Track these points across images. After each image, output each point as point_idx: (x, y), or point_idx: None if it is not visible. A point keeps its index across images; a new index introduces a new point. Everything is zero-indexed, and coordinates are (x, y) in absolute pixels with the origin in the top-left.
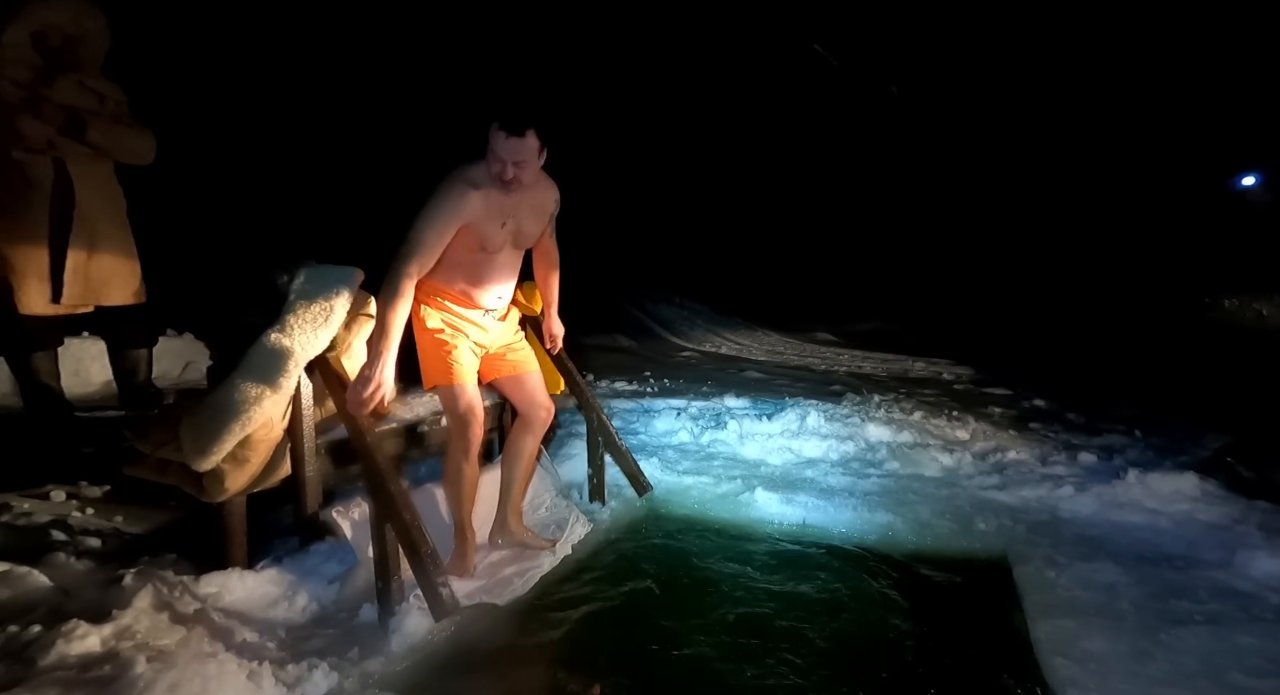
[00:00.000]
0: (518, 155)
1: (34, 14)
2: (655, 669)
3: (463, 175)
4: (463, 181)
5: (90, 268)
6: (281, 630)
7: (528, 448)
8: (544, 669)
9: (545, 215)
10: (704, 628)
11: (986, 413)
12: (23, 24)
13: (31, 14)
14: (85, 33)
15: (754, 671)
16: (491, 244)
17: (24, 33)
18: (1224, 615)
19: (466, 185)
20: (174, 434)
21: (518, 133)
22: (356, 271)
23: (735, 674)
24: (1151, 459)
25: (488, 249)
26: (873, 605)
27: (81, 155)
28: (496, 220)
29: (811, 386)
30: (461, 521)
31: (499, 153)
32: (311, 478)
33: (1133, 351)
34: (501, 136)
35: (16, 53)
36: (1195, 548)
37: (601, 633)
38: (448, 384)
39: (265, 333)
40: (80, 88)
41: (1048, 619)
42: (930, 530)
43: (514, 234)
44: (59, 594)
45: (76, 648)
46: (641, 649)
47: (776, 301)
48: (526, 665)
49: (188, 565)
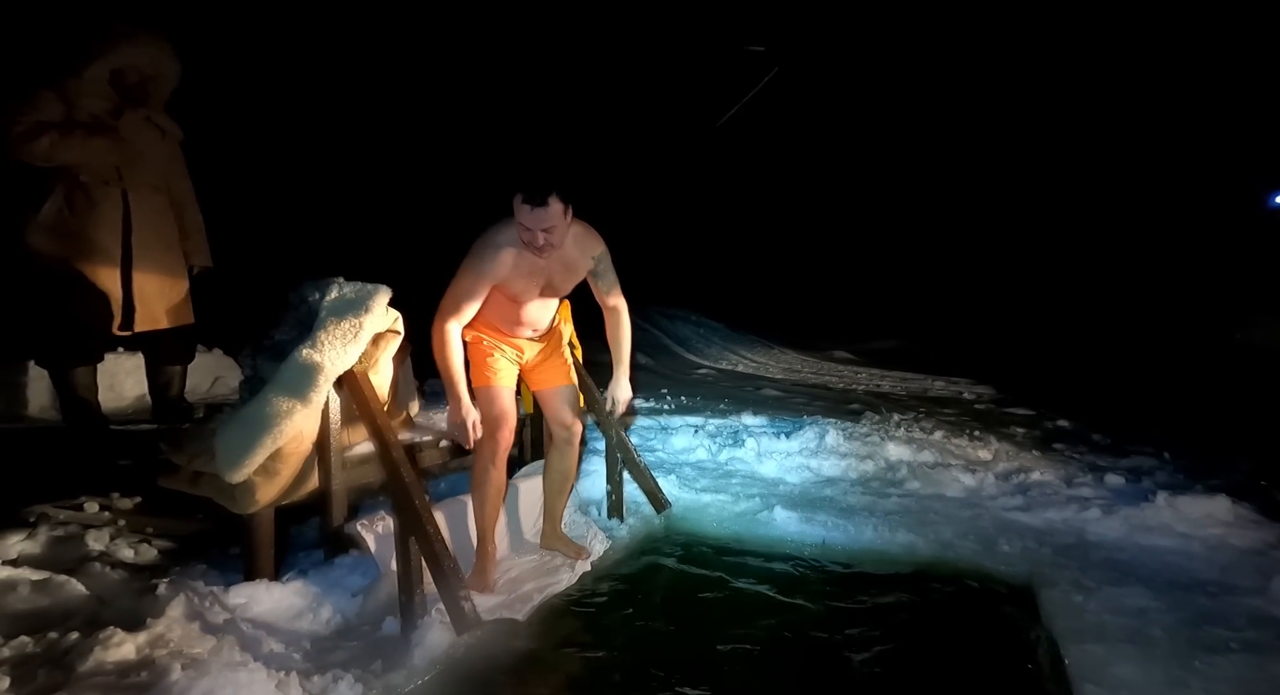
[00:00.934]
0: (544, 223)
1: (118, 53)
2: (673, 687)
3: (495, 238)
4: (494, 245)
5: (149, 294)
6: (307, 641)
7: (553, 462)
8: (564, 684)
9: (579, 271)
10: (722, 647)
11: (1009, 433)
12: (106, 62)
13: (116, 53)
14: (160, 73)
15: (770, 688)
16: (525, 296)
17: (105, 69)
18: (1261, 643)
19: (498, 248)
20: (207, 447)
21: (540, 202)
22: (384, 289)
23: (751, 690)
24: (1181, 482)
25: (521, 300)
26: (896, 627)
27: (144, 186)
28: (528, 278)
29: (830, 405)
30: (484, 531)
31: (525, 223)
32: (338, 491)
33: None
34: (526, 208)
35: (95, 86)
36: (1229, 573)
37: (620, 649)
38: (484, 386)
39: (297, 348)
40: (146, 122)
41: (1077, 644)
42: (953, 551)
43: (546, 286)
44: (96, 602)
45: (114, 655)
46: (659, 666)
47: (794, 319)
48: (547, 681)
49: (217, 576)
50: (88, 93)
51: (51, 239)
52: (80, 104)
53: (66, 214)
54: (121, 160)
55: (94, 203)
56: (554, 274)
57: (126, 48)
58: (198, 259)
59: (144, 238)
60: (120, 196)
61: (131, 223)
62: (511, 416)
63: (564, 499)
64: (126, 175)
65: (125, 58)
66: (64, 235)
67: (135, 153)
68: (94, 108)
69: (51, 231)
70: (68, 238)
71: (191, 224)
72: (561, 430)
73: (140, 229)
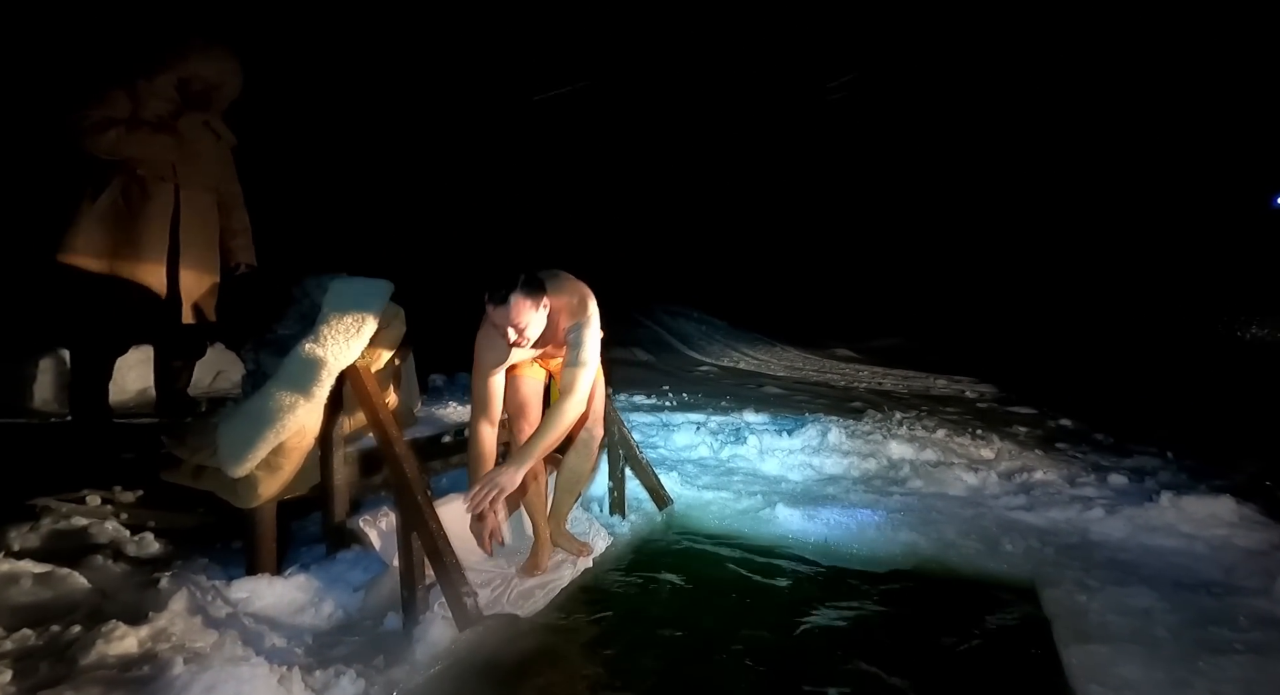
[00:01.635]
0: (512, 319)
1: (188, 64)
2: (674, 683)
3: (485, 341)
4: (488, 346)
5: (190, 288)
6: (308, 636)
7: (569, 461)
8: (565, 680)
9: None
10: (724, 644)
11: (1011, 432)
12: (176, 71)
13: (186, 64)
14: (224, 84)
15: (774, 687)
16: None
17: (175, 77)
18: (1265, 644)
19: (492, 349)
20: (210, 441)
21: (502, 301)
22: (387, 284)
23: (755, 688)
24: (1184, 482)
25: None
26: (899, 626)
27: (197, 186)
28: (526, 357)
29: (832, 403)
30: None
31: (494, 321)
32: (340, 486)
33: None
34: (492, 308)
35: (163, 90)
36: (1233, 574)
37: (622, 645)
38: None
39: (300, 343)
40: (204, 126)
41: (1080, 645)
42: (956, 550)
43: (542, 356)
44: (98, 595)
45: (116, 648)
46: (661, 663)
47: (795, 317)
48: (548, 676)
49: (219, 570)
50: (155, 95)
51: (104, 228)
52: (147, 104)
53: (121, 205)
54: (179, 159)
55: (149, 196)
56: (547, 345)
57: (198, 60)
58: (244, 256)
59: (191, 235)
60: (173, 193)
61: (180, 219)
62: (534, 403)
63: (572, 499)
64: (181, 173)
65: (195, 68)
66: (117, 226)
67: (192, 153)
68: (159, 109)
69: (104, 221)
70: (120, 228)
71: (239, 224)
72: (583, 432)
73: (188, 226)
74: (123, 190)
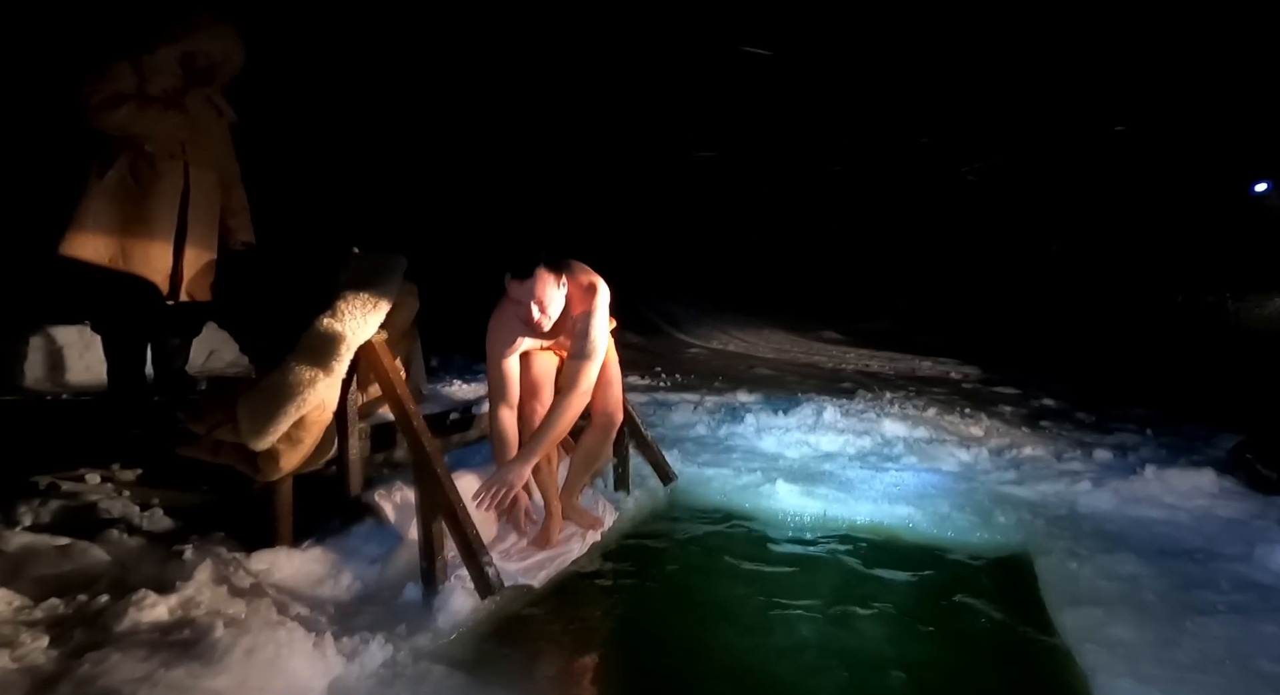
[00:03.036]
0: (536, 293)
1: (191, 39)
2: (684, 651)
3: (502, 318)
4: (505, 328)
5: (194, 265)
6: (330, 606)
7: (586, 440)
8: (579, 648)
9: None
10: (729, 615)
11: (998, 411)
12: (180, 45)
13: (189, 39)
14: (228, 61)
15: (781, 658)
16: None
17: (176, 52)
18: (1247, 605)
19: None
20: (229, 416)
21: (526, 274)
22: (401, 259)
23: (761, 660)
24: (1165, 457)
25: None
26: (898, 596)
27: (204, 163)
28: (540, 343)
29: (822, 383)
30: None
31: (516, 298)
32: (355, 460)
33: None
34: (515, 284)
35: (166, 64)
36: (1215, 542)
37: (632, 616)
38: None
39: (318, 318)
40: (206, 102)
41: (1074, 608)
42: (951, 523)
43: (556, 345)
44: (118, 568)
45: (148, 615)
46: (669, 632)
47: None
48: (564, 644)
49: (236, 543)
50: (159, 69)
51: (114, 205)
52: (152, 78)
53: (130, 182)
54: (187, 137)
55: (159, 174)
56: (562, 334)
57: (203, 35)
58: (244, 235)
59: (198, 213)
60: (183, 170)
61: (189, 197)
62: (546, 384)
63: (586, 476)
64: (190, 151)
65: (200, 43)
66: (125, 202)
67: (200, 130)
68: (164, 83)
69: (114, 198)
70: (129, 204)
71: (237, 202)
72: (601, 416)
73: (196, 205)
74: (131, 167)
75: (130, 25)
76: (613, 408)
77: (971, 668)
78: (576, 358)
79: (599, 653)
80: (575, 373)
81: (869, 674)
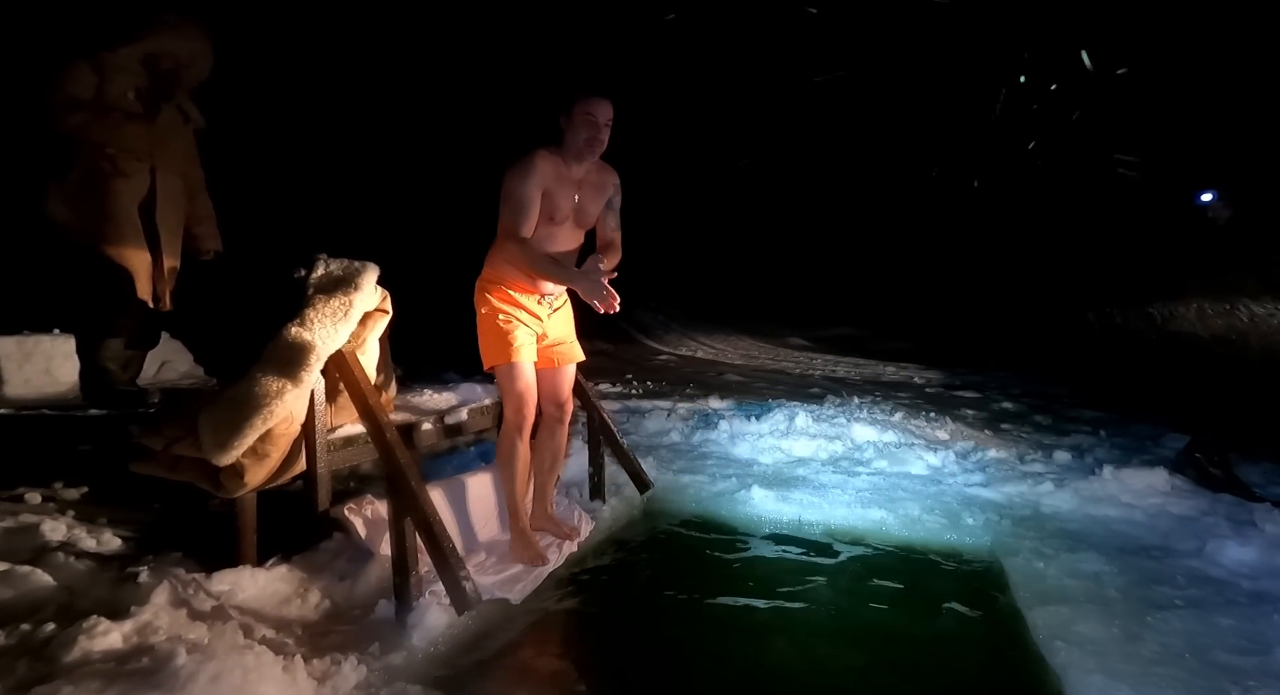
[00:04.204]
0: (608, 114)
1: (154, 40)
2: (665, 662)
3: (530, 153)
4: (530, 156)
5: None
6: (299, 627)
7: (543, 441)
8: (558, 663)
9: (604, 192)
10: (707, 623)
11: (961, 414)
12: (140, 45)
13: (151, 39)
14: (194, 64)
15: (758, 662)
16: (559, 213)
17: (139, 52)
18: (1202, 600)
19: (535, 157)
20: (189, 429)
21: (606, 95)
22: (372, 266)
23: (739, 665)
24: (1120, 457)
25: (555, 219)
26: (872, 595)
27: (170, 171)
28: (567, 189)
29: (791, 389)
30: (515, 505)
31: (594, 115)
32: (323, 474)
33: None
34: (594, 101)
35: (127, 63)
36: (1169, 538)
37: (611, 627)
38: (506, 362)
39: (285, 327)
40: (173, 108)
41: (1042, 607)
42: (921, 525)
43: (578, 210)
44: (65, 593)
45: (100, 644)
46: (651, 643)
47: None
48: (544, 657)
49: (195, 563)
50: (121, 69)
51: (73, 208)
52: (113, 79)
53: (90, 183)
54: (153, 142)
55: (122, 174)
56: (586, 192)
57: (168, 35)
58: (212, 243)
59: (165, 221)
60: (149, 174)
61: (156, 202)
62: (534, 390)
63: (554, 479)
64: (156, 156)
65: (165, 45)
66: (86, 203)
67: (164, 137)
68: (126, 85)
69: (70, 198)
70: (90, 207)
71: (204, 210)
72: (553, 409)
73: (163, 212)
74: (90, 169)
75: (93, 24)
76: (565, 398)
77: (948, 668)
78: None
79: (580, 667)
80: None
81: (844, 676)
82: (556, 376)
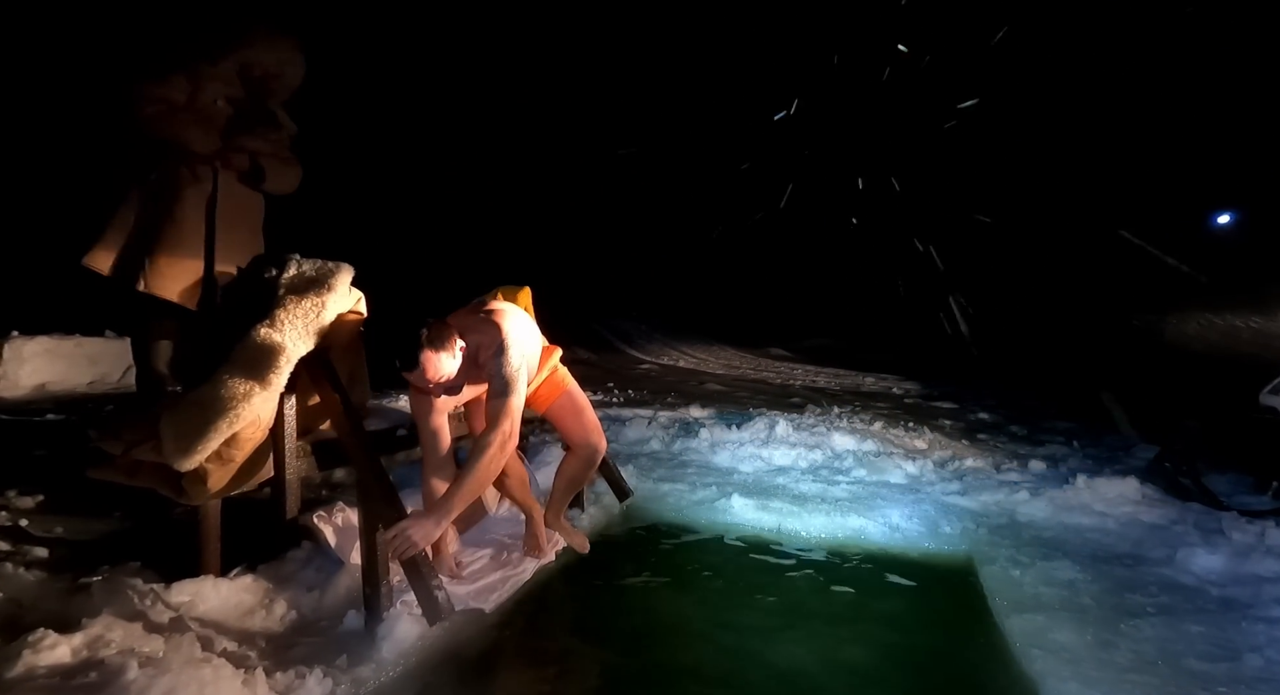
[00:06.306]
0: (429, 376)
1: (247, 51)
2: (641, 672)
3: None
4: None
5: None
6: (262, 639)
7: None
8: (532, 674)
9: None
10: (685, 631)
11: (938, 424)
12: (236, 56)
13: (245, 50)
14: (284, 74)
15: (735, 672)
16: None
17: (235, 62)
18: (1173, 607)
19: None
20: (149, 434)
21: (413, 364)
22: (347, 267)
23: (718, 674)
24: (1092, 467)
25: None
26: (852, 603)
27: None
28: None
29: (772, 398)
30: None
31: (418, 385)
32: (292, 481)
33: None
34: (407, 376)
35: (222, 73)
36: (1141, 546)
37: (586, 637)
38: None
39: (254, 328)
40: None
41: (1019, 614)
42: (900, 533)
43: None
44: (12, 606)
45: (46, 658)
46: (624, 653)
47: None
48: (515, 670)
49: (154, 574)
50: (215, 78)
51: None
52: (206, 87)
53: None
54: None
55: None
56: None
57: (261, 47)
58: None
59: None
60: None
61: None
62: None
63: (569, 497)
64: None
65: (252, 56)
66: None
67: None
68: (216, 92)
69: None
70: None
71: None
72: (584, 448)
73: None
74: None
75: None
76: (595, 437)
77: (925, 676)
78: (493, 398)
79: (555, 679)
80: (494, 412)
81: (824, 682)
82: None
